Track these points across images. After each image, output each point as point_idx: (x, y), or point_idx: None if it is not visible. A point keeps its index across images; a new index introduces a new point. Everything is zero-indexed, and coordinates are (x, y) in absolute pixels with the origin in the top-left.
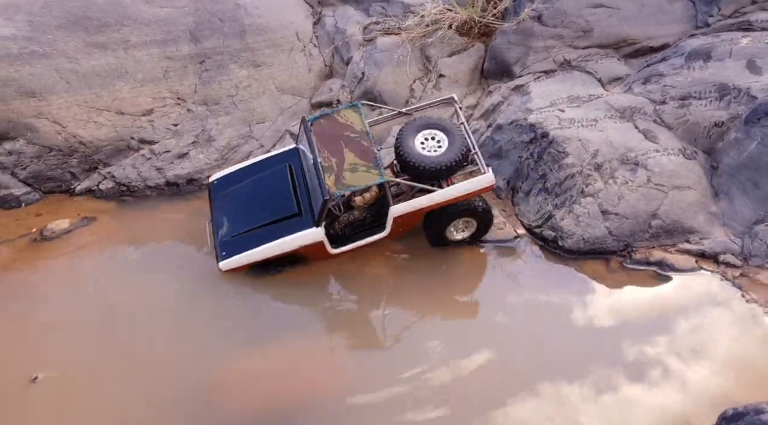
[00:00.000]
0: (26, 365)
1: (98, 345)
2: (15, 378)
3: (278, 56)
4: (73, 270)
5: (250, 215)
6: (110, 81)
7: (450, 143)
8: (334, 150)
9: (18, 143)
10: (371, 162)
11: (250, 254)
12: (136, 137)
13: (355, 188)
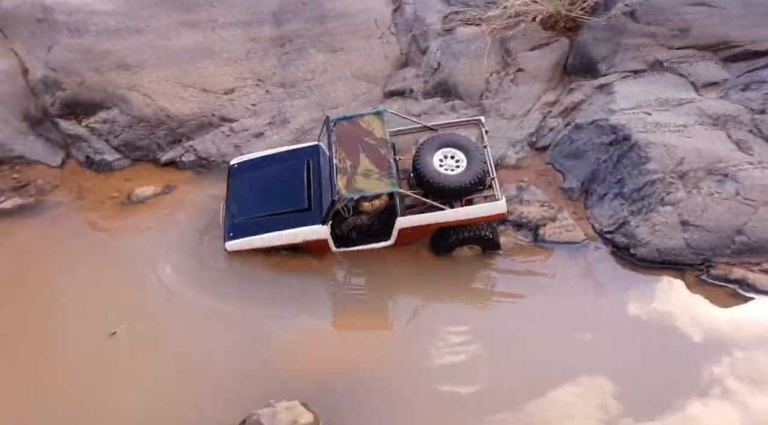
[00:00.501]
0: (107, 319)
1: (171, 303)
2: (96, 331)
3: (356, 42)
4: (153, 233)
5: (262, 202)
6: (197, 59)
7: (468, 164)
8: (351, 153)
9: (112, 113)
10: (385, 171)
11: (256, 239)
12: (218, 114)
13: (364, 193)
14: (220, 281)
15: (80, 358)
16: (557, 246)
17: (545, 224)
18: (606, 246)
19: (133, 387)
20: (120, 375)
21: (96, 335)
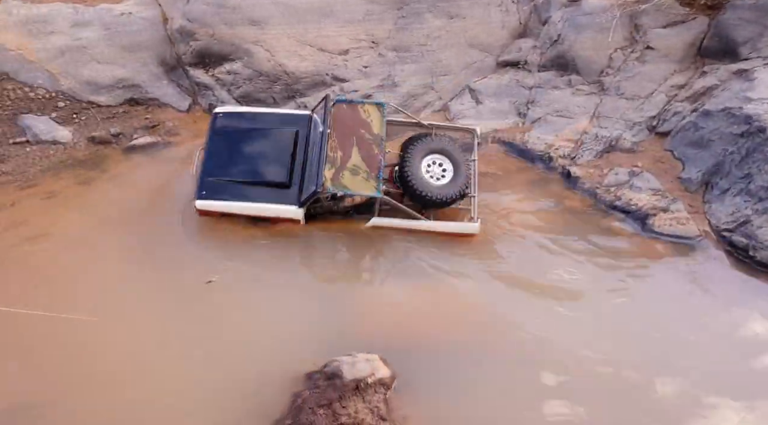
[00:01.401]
0: (205, 269)
1: (267, 259)
2: (196, 280)
3: (474, 9)
4: None
5: (241, 166)
6: (319, 18)
7: (454, 177)
8: (344, 143)
9: (236, 65)
10: (374, 172)
11: (227, 205)
12: (331, 73)
13: (348, 191)
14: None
15: (183, 302)
16: (666, 239)
17: (656, 214)
18: (721, 245)
19: (229, 329)
20: (218, 319)
21: (196, 283)
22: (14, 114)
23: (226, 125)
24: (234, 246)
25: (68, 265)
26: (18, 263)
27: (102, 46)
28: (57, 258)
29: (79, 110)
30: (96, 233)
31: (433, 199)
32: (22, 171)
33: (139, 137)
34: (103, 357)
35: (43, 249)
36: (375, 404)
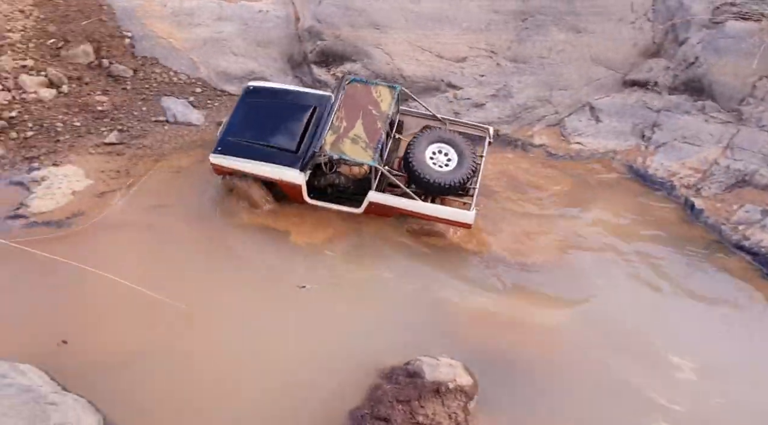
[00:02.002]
0: (297, 277)
1: (358, 269)
2: (289, 285)
3: (603, 25)
4: None
5: (258, 130)
6: (439, 25)
7: (457, 166)
8: (350, 116)
9: (356, 65)
10: (373, 143)
11: (239, 162)
12: (446, 80)
13: (345, 156)
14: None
15: (281, 302)
16: None
17: None
18: None
19: (320, 329)
20: (310, 320)
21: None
22: (158, 95)
23: (255, 96)
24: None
25: (178, 240)
26: (138, 228)
27: (238, 40)
28: (172, 229)
29: (212, 97)
30: (208, 212)
31: (431, 182)
32: (159, 146)
33: None
34: (184, 340)
35: (161, 219)
36: (453, 410)
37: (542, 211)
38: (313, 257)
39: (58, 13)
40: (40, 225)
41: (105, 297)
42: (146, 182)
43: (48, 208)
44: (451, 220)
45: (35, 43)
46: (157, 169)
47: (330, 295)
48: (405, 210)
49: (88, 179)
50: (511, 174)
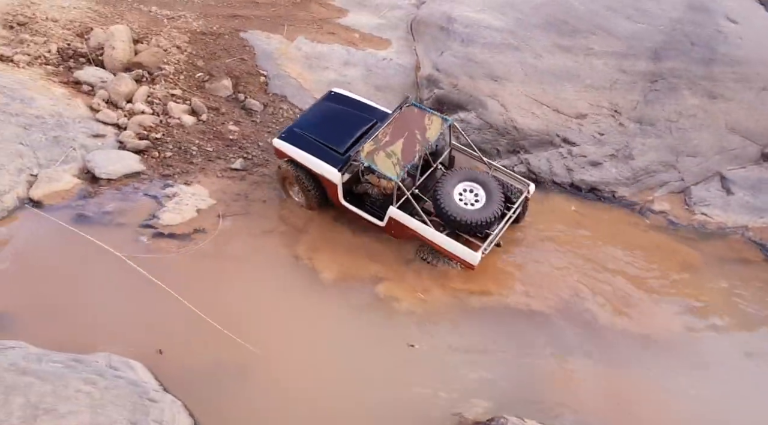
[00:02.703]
0: (407, 336)
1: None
2: (400, 344)
3: (743, 93)
4: None
5: (320, 129)
6: (560, 81)
7: (483, 208)
8: (396, 134)
9: (470, 114)
10: (404, 162)
11: (294, 151)
12: (562, 135)
13: (374, 166)
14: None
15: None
16: None
17: None
18: None
19: (409, 380)
20: (408, 372)
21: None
22: (281, 130)
23: (332, 100)
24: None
25: (279, 270)
26: (243, 251)
27: (360, 83)
28: (275, 256)
29: None
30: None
31: (450, 216)
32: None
33: None
34: (275, 364)
35: (266, 245)
36: None
37: (655, 282)
38: (419, 317)
39: (207, 50)
40: (165, 236)
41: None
42: (261, 208)
43: (174, 221)
44: (458, 256)
45: (185, 76)
46: (273, 196)
47: (425, 350)
48: (418, 233)
49: (211, 199)
50: (624, 238)
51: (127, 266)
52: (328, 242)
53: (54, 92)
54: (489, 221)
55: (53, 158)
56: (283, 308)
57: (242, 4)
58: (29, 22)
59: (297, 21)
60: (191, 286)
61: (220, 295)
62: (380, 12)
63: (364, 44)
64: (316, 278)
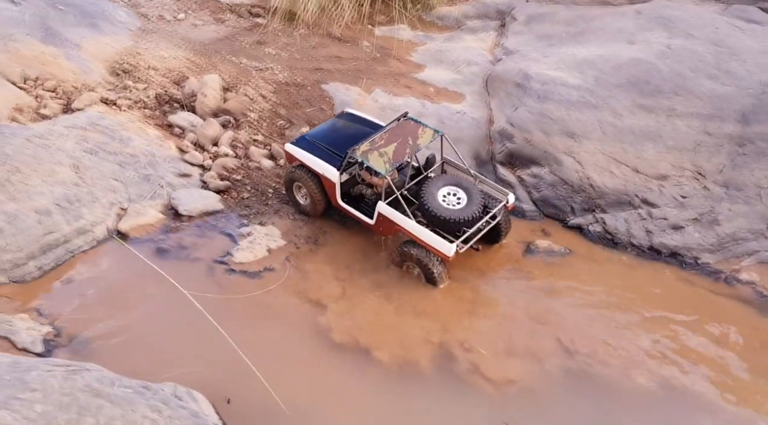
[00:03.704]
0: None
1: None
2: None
3: None
4: (545, 285)
5: (327, 137)
6: (640, 141)
7: (463, 208)
8: (390, 139)
9: (543, 170)
10: (394, 161)
11: (301, 154)
12: (641, 196)
13: (367, 162)
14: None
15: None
16: None
17: None
18: None
19: None
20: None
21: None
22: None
23: (344, 117)
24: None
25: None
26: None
27: None
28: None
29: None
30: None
31: (432, 212)
32: (343, 221)
33: None
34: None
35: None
36: None
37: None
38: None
39: (290, 99)
40: (236, 273)
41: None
42: (328, 253)
43: (247, 260)
44: (434, 247)
45: (267, 122)
46: (339, 241)
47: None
48: (401, 227)
49: (283, 239)
50: (702, 306)
51: (196, 298)
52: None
53: (149, 134)
54: (467, 220)
55: (142, 194)
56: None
57: (326, 58)
58: (133, 70)
59: (375, 75)
60: (248, 328)
61: (273, 341)
62: (456, 68)
63: (438, 98)
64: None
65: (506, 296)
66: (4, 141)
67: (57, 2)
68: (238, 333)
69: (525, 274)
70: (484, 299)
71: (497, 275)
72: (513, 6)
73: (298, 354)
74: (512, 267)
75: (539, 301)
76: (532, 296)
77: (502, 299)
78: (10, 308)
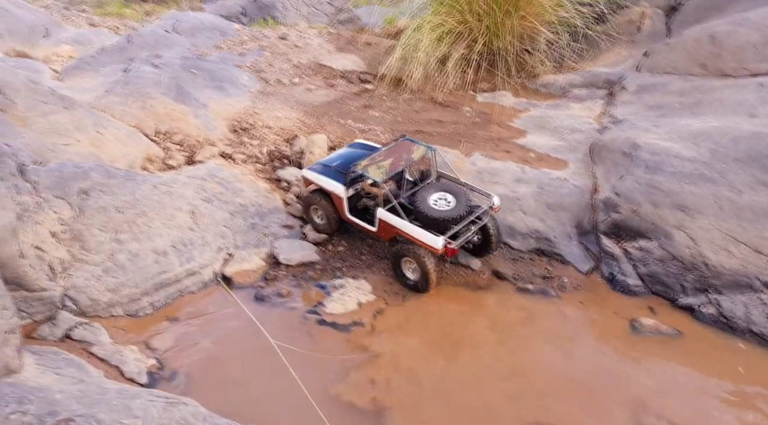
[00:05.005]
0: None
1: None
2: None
3: None
4: (653, 368)
5: (339, 161)
6: (762, 219)
7: (450, 210)
8: (387, 155)
9: (651, 244)
10: (389, 171)
11: (315, 176)
12: (763, 279)
13: (366, 174)
14: None
15: None
16: None
17: None
18: None
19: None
20: None
21: None
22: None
23: (355, 146)
24: None
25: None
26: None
27: (531, 200)
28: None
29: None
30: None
31: (424, 213)
32: (436, 280)
33: (534, 283)
34: None
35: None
36: None
37: None
38: None
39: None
40: (327, 324)
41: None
42: (415, 312)
43: (337, 311)
44: (424, 242)
45: None
46: (426, 298)
47: None
48: (397, 228)
49: (373, 294)
50: None
51: (283, 349)
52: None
53: (258, 186)
54: (454, 218)
55: (247, 242)
56: None
57: (427, 121)
58: (250, 128)
59: (475, 139)
60: (330, 388)
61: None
62: (560, 135)
63: (539, 164)
64: None
65: (606, 375)
66: (135, 187)
67: (191, 67)
68: (321, 391)
69: (629, 354)
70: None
71: (599, 350)
72: (623, 75)
73: None
74: (616, 343)
75: (644, 386)
76: (639, 379)
77: (602, 379)
78: (123, 340)
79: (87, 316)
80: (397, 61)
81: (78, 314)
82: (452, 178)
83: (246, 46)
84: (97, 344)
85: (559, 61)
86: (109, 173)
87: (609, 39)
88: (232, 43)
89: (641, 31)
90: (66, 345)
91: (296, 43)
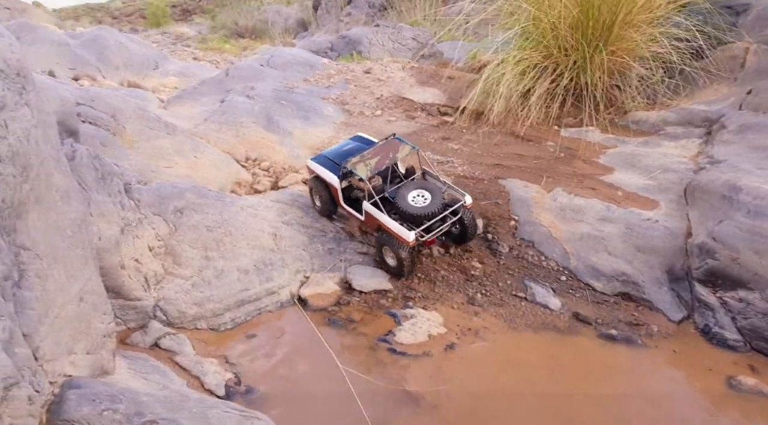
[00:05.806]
0: None
1: None
2: None
3: None
4: None
5: (338, 154)
6: None
7: (427, 206)
8: (375, 154)
9: (752, 295)
10: (375, 168)
11: (316, 166)
12: None
13: (354, 170)
14: None
15: None
16: None
17: None
18: None
19: None
20: None
21: None
22: (524, 274)
23: (356, 139)
24: None
25: None
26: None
27: (617, 241)
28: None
29: (575, 288)
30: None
31: (402, 208)
32: (511, 318)
33: (618, 329)
34: None
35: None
36: None
37: None
38: None
39: (466, 191)
40: (397, 353)
41: None
42: (486, 351)
43: (408, 341)
44: (398, 234)
45: None
46: (501, 337)
47: None
48: (378, 220)
49: (443, 327)
50: None
51: (351, 375)
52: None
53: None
54: (428, 214)
55: (324, 266)
56: None
57: (507, 155)
58: None
59: (557, 174)
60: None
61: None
62: (650, 173)
63: (627, 203)
64: None
65: None
66: (224, 208)
67: (281, 98)
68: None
69: (727, 415)
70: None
71: (692, 406)
72: (723, 114)
73: None
74: (710, 402)
75: None
76: None
77: None
78: (205, 352)
79: (174, 327)
80: (478, 94)
81: (166, 325)
82: (435, 176)
83: (332, 79)
84: (181, 354)
85: (651, 97)
86: (202, 193)
87: (708, 75)
88: (319, 77)
89: (744, 68)
90: (154, 352)
91: (379, 76)
